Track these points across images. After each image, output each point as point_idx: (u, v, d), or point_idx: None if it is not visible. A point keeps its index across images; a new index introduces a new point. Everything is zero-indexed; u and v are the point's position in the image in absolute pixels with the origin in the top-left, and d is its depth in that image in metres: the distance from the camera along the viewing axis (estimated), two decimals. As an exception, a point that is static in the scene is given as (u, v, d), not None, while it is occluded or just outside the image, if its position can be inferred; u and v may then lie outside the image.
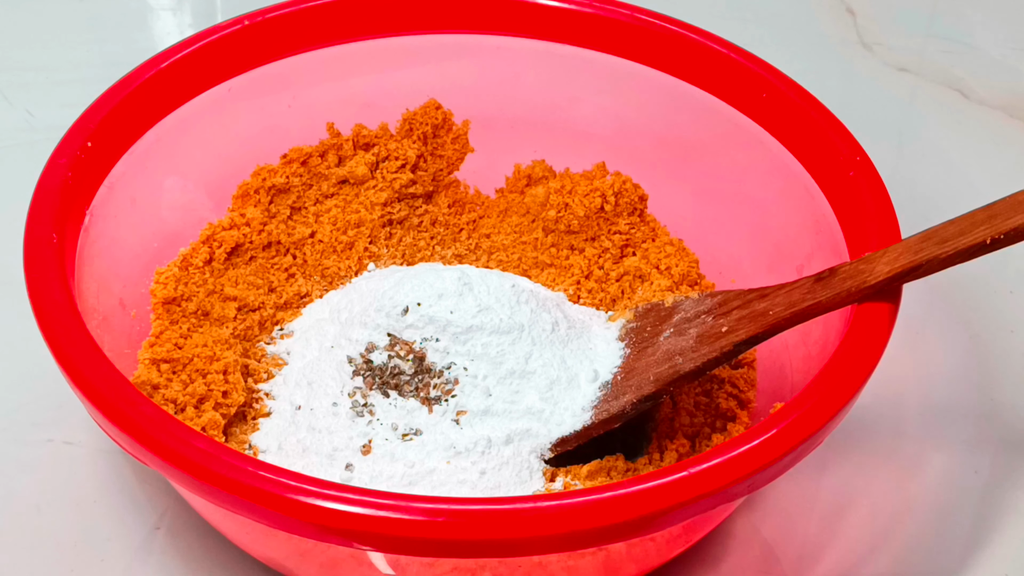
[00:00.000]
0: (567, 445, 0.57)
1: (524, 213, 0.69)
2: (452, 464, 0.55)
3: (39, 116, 0.81)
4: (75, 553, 0.57)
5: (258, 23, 0.65)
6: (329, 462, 0.56)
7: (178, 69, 0.63)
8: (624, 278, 0.66)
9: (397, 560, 0.50)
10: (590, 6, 0.67)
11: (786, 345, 0.60)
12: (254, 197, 0.67)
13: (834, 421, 0.49)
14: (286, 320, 0.65)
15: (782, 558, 0.59)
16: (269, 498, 0.45)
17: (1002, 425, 0.65)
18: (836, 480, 0.62)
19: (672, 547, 0.55)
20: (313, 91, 0.68)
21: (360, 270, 0.67)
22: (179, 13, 0.92)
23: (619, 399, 0.57)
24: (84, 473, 0.60)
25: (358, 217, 0.67)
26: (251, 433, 0.59)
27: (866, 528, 0.60)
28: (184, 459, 0.46)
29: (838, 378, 0.49)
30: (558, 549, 0.46)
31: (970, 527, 0.60)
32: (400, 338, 0.58)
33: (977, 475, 0.62)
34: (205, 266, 0.64)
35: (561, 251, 0.68)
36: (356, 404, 0.57)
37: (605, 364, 0.59)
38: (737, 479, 0.46)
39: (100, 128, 0.59)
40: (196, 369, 0.59)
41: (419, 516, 0.45)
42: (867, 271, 0.52)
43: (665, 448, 0.58)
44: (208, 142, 0.66)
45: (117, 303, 0.60)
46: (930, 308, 0.70)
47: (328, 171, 0.68)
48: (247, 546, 0.55)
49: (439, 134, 0.69)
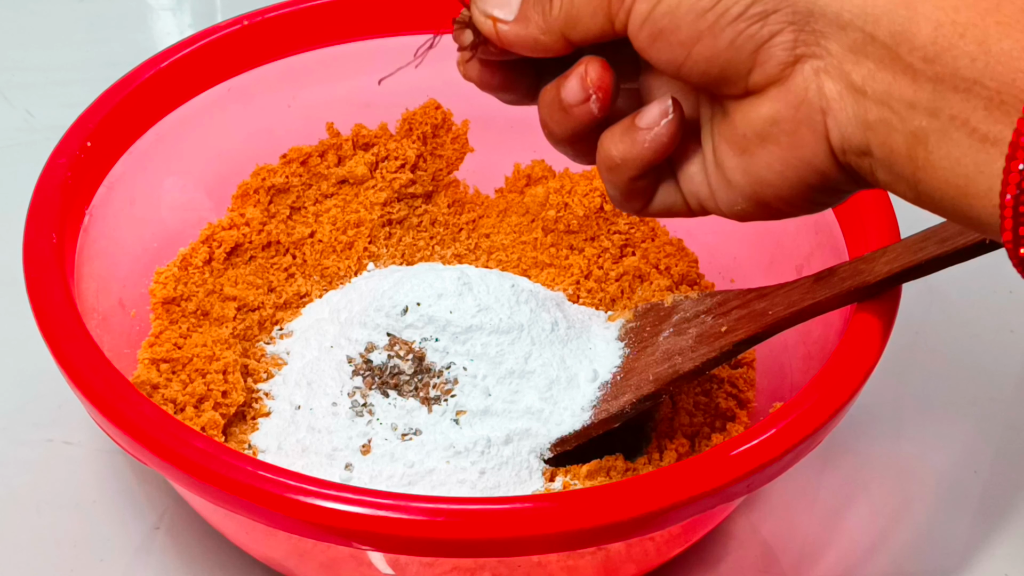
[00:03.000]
0: (566, 445, 0.57)
1: (524, 213, 0.69)
2: (451, 464, 0.55)
3: (39, 116, 0.81)
4: (75, 553, 0.57)
5: (258, 23, 0.65)
6: (329, 462, 0.56)
7: (178, 69, 0.63)
8: (624, 278, 0.66)
9: (397, 560, 0.50)
10: (590, 6, 0.67)
11: (786, 345, 0.60)
12: (254, 197, 0.67)
13: (834, 421, 0.49)
14: (286, 320, 0.65)
15: (782, 558, 0.59)
16: (269, 498, 0.45)
17: (1002, 425, 0.65)
18: (836, 480, 0.62)
19: (671, 547, 0.55)
20: (312, 91, 0.68)
21: (360, 270, 0.67)
22: (179, 13, 0.92)
23: (618, 399, 0.57)
24: (84, 473, 0.61)
25: (358, 217, 0.67)
26: (251, 433, 0.59)
27: (866, 528, 0.60)
28: (184, 459, 0.46)
29: (838, 378, 0.49)
30: (557, 549, 0.46)
31: (970, 527, 0.60)
32: (400, 338, 0.58)
33: (977, 475, 0.62)
34: (205, 266, 0.64)
35: (561, 251, 0.68)
36: (356, 404, 0.57)
37: (604, 364, 0.59)
38: (737, 479, 0.46)
39: (100, 128, 0.59)
40: (196, 369, 0.59)
41: (419, 516, 0.45)
42: (867, 271, 0.52)
43: (665, 448, 0.58)
44: (208, 142, 0.66)
45: (117, 303, 0.60)
46: (930, 308, 0.70)
47: (328, 171, 0.68)
48: (247, 546, 0.55)
49: (439, 134, 0.69)
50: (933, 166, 0.39)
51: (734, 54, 0.41)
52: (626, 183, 0.45)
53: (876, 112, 0.40)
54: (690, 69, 0.42)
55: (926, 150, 0.39)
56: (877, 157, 0.40)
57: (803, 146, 0.41)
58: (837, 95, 0.40)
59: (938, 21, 0.38)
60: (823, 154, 0.41)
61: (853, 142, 0.41)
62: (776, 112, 0.41)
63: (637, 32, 0.42)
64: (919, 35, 0.38)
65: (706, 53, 0.41)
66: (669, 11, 0.41)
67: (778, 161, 0.42)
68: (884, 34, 0.39)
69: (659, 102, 0.44)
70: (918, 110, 0.39)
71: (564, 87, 0.45)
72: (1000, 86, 0.37)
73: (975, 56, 0.37)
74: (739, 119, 0.43)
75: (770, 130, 0.42)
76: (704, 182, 0.45)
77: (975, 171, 0.38)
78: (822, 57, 0.40)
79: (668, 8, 0.41)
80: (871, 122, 0.40)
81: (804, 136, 0.41)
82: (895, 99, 0.39)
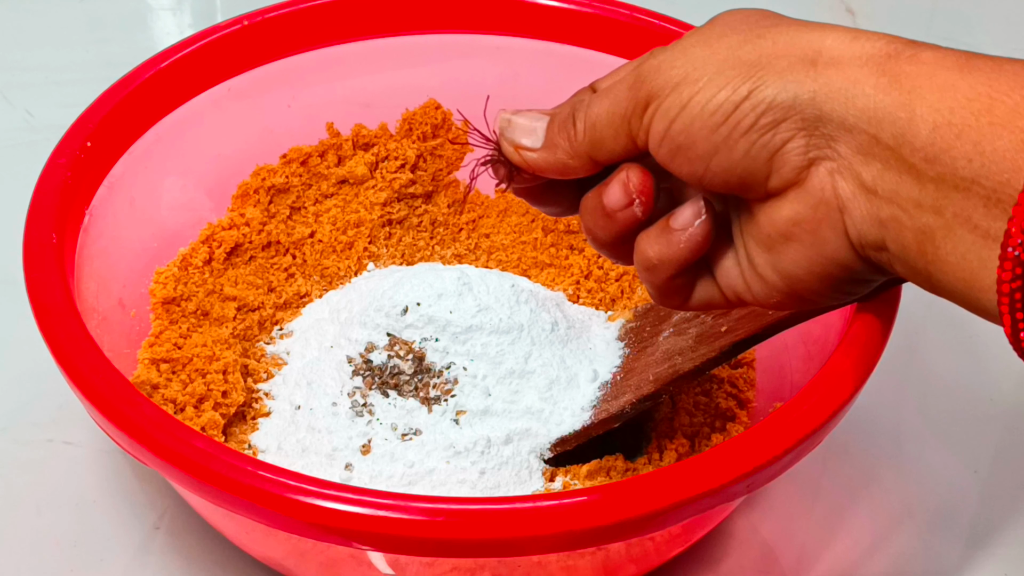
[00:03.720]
0: (566, 445, 0.57)
1: (524, 213, 0.69)
2: (451, 464, 0.55)
3: (39, 116, 0.81)
4: (75, 553, 0.57)
5: (257, 23, 0.65)
6: (329, 462, 0.56)
7: (178, 69, 0.63)
8: (623, 278, 0.66)
9: (396, 560, 0.50)
10: (590, 6, 0.67)
11: (786, 345, 0.60)
12: (254, 197, 0.67)
13: (833, 421, 0.49)
14: (286, 320, 0.65)
15: (781, 558, 0.59)
16: (269, 498, 0.45)
17: (1001, 425, 0.65)
18: (836, 480, 0.62)
19: (671, 547, 0.55)
20: (313, 91, 0.68)
21: (360, 270, 0.67)
22: (179, 13, 0.92)
23: (618, 399, 0.57)
24: (84, 473, 0.61)
25: (358, 217, 0.67)
26: (251, 433, 0.59)
27: (866, 528, 0.60)
28: (184, 459, 0.46)
29: (837, 378, 0.49)
30: (557, 549, 0.46)
31: (970, 527, 0.60)
32: (400, 338, 0.58)
33: (977, 475, 0.62)
34: (205, 266, 0.64)
35: (561, 251, 0.68)
36: (356, 404, 0.57)
37: (604, 364, 0.59)
38: (736, 479, 0.46)
39: (100, 128, 0.59)
40: (196, 369, 0.59)
41: (418, 516, 0.45)
42: (867, 271, 0.52)
43: (664, 448, 0.58)
44: (208, 142, 0.66)
45: (116, 303, 0.60)
46: (930, 308, 0.70)
47: (328, 171, 0.68)
48: (247, 546, 0.55)
49: (439, 134, 0.69)
50: (942, 260, 0.40)
51: (750, 163, 0.43)
52: (664, 282, 0.47)
53: (887, 210, 0.41)
54: (711, 180, 0.44)
55: (934, 245, 0.40)
56: (892, 252, 0.42)
57: (825, 243, 0.43)
58: (851, 194, 0.42)
59: (935, 123, 0.39)
60: (845, 249, 0.43)
61: (869, 238, 0.42)
62: (796, 213, 0.43)
63: (657, 149, 0.44)
64: (918, 137, 0.40)
65: (724, 164, 0.43)
66: (684, 128, 0.43)
67: (804, 258, 0.44)
68: (887, 136, 0.40)
69: (692, 203, 0.46)
70: (924, 208, 0.40)
71: (607, 194, 0.46)
72: (996, 184, 0.38)
73: (971, 157, 0.39)
74: (764, 220, 0.44)
75: (793, 230, 0.43)
76: (739, 276, 0.46)
77: (979, 265, 0.39)
78: (834, 159, 0.42)
79: (683, 126, 0.43)
80: (883, 220, 0.41)
81: (825, 234, 0.43)
82: (902, 198, 0.40)
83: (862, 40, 0.42)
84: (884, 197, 0.41)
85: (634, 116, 0.44)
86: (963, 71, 0.39)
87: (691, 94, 0.43)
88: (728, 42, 0.43)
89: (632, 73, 0.45)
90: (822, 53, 0.42)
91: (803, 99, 0.41)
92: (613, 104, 0.45)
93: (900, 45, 0.41)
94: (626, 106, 0.44)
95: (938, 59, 0.40)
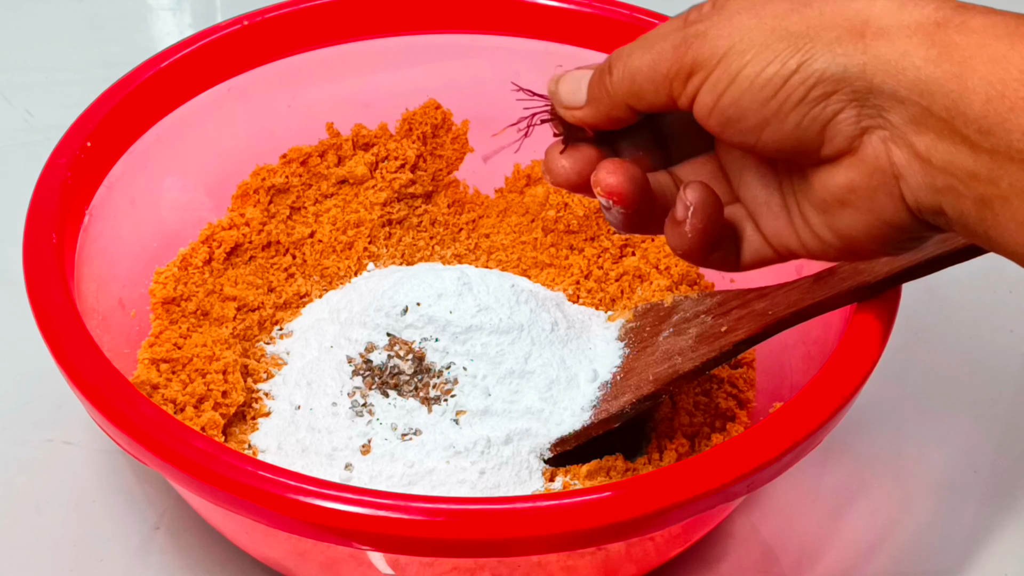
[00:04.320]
0: (566, 445, 0.57)
1: (524, 213, 0.69)
2: (451, 464, 0.55)
3: (39, 116, 0.81)
4: (75, 553, 0.57)
5: (257, 23, 0.65)
6: (329, 462, 0.56)
7: (178, 69, 0.63)
8: (623, 278, 0.66)
9: (396, 560, 0.50)
10: (590, 6, 0.67)
11: (786, 345, 0.60)
12: (253, 197, 0.67)
13: (833, 421, 0.49)
14: (285, 320, 0.65)
15: (782, 558, 0.59)
16: (269, 498, 0.45)
17: (1002, 425, 0.65)
18: (836, 480, 0.62)
19: (671, 547, 0.55)
20: (312, 91, 0.68)
21: (359, 270, 0.67)
22: (179, 13, 0.92)
23: (618, 399, 0.57)
24: (84, 473, 0.61)
25: (357, 217, 0.67)
26: (250, 433, 0.59)
27: (866, 528, 0.60)
28: (184, 459, 0.46)
29: (837, 378, 0.49)
30: (557, 549, 0.46)
31: (970, 527, 0.60)
32: (399, 338, 0.58)
33: (977, 475, 0.62)
34: (204, 266, 0.64)
35: (560, 251, 0.68)
36: (355, 404, 0.57)
37: (604, 364, 0.59)
38: (736, 479, 0.46)
39: (100, 128, 0.59)
40: (195, 369, 0.59)
41: (418, 516, 0.45)
42: (867, 271, 0.52)
43: (664, 448, 0.58)
44: (208, 142, 0.66)
45: (116, 303, 0.60)
46: (930, 308, 0.70)
47: (327, 171, 0.68)
48: (247, 546, 0.55)
49: (438, 134, 0.69)
50: (1002, 227, 0.41)
51: (802, 134, 0.43)
52: (702, 263, 0.48)
53: (942, 180, 0.41)
54: (763, 149, 0.44)
55: (993, 212, 0.40)
56: (951, 216, 0.42)
57: (882, 209, 0.43)
58: (906, 162, 0.42)
59: (987, 95, 0.39)
60: (902, 212, 0.43)
61: (927, 204, 0.42)
62: (851, 180, 0.43)
63: (706, 120, 0.44)
64: (971, 109, 0.40)
65: (775, 135, 0.43)
66: (733, 102, 0.43)
67: (861, 222, 0.44)
68: (939, 108, 0.40)
69: (679, 198, 0.46)
70: (980, 179, 0.40)
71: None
72: None
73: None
74: (818, 186, 0.44)
75: (848, 196, 0.44)
76: (793, 235, 0.47)
77: None
78: (886, 128, 0.42)
79: (732, 99, 0.43)
80: (940, 188, 0.41)
81: (881, 200, 0.43)
82: (957, 167, 0.41)
83: (910, 7, 0.41)
84: (938, 167, 0.41)
85: (677, 79, 0.44)
86: (1013, 40, 0.39)
87: (739, 67, 0.43)
88: (774, 9, 0.43)
89: (678, 32, 0.44)
90: (870, 23, 0.41)
91: (853, 72, 0.41)
92: (656, 60, 0.45)
93: (949, 11, 0.41)
94: (669, 66, 0.44)
95: (988, 26, 0.40)
